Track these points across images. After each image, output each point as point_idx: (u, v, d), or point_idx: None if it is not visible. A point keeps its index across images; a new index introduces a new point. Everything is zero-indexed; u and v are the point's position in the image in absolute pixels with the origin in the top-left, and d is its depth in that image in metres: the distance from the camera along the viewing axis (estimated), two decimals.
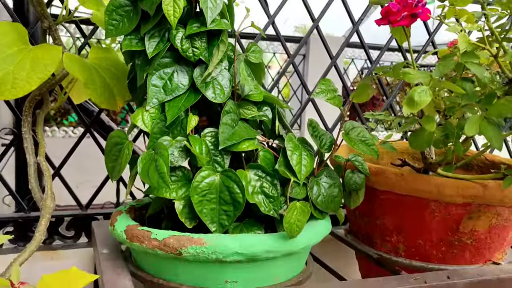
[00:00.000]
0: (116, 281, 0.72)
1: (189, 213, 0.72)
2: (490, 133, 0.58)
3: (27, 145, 0.92)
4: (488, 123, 0.59)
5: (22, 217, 1.02)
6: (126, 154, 0.74)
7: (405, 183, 0.83)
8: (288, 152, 0.75)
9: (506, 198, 0.79)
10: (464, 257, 0.86)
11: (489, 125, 0.59)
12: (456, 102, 0.62)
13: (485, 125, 0.59)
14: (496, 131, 0.58)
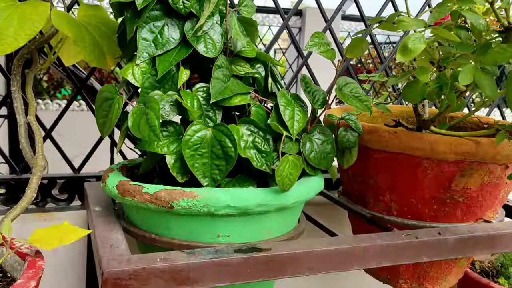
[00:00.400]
0: (108, 235, 0.72)
1: (181, 167, 0.72)
2: (484, 81, 0.58)
3: (17, 105, 0.90)
4: (482, 72, 0.59)
5: (14, 179, 1.02)
6: (117, 109, 0.73)
7: (399, 141, 0.82)
8: (281, 107, 0.75)
9: (499, 155, 0.79)
10: (455, 215, 0.86)
11: (483, 74, 0.58)
12: (451, 52, 0.61)
13: (479, 74, 0.58)
14: (490, 80, 0.58)
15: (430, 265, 0.93)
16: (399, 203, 0.88)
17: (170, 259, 0.65)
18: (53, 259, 1.01)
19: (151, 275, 0.62)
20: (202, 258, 0.65)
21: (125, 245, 0.69)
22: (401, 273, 0.95)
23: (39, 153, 0.85)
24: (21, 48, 0.83)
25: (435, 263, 0.92)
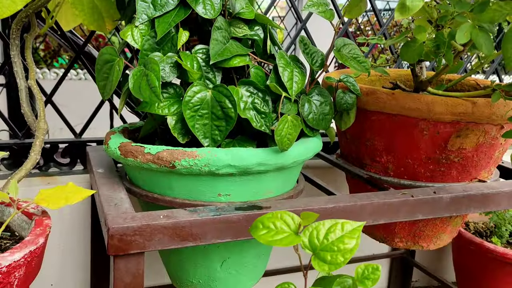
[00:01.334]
0: (112, 195, 0.74)
1: (182, 128, 0.73)
2: (481, 39, 0.58)
3: (17, 69, 0.91)
4: (479, 30, 0.59)
5: (17, 144, 1.03)
6: (117, 71, 0.73)
7: (396, 102, 0.83)
8: (280, 68, 0.75)
9: (494, 115, 0.80)
10: (451, 175, 0.88)
11: (480, 32, 0.59)
12: (449, 11, 0.62)
13: (476, 32, 0.59)
14: (487, 37, 0.58)
15: (425, 224, 0.95)
16: (396, 163, 0.90)
17: (173, 216, 0.67)
18: (59, 221, 1.03)
19: (155, 231, 0.65)
20: (203, 215, 0.67)
21: (129, 204, 0.71)
22: (397, 232, 0.98)
23: (41, 117, 0.86)
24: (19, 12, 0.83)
25: (430, 222, 0.95)
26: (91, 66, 1.18)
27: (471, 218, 1.36)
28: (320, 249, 0.41)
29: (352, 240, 0.41)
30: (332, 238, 0.41)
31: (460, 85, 1.08)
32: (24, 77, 0.91)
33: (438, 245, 1.00)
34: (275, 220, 0.43)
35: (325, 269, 0.40)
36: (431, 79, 0.81)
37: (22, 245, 0.63)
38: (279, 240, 0.41)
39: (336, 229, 0.42)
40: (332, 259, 0.40)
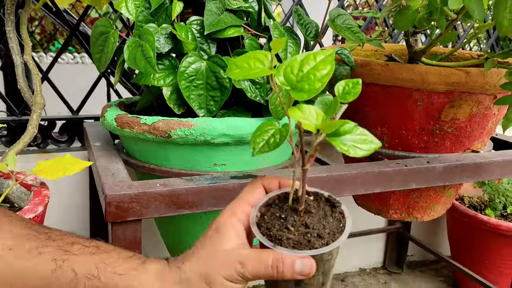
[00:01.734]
0: (109, 165, 0.75)
1: (177, 99, 0.74)
2: (473, 5, 0.59)
3: (13, 45, 0.91)
4: None
5: (14, 120, 1.04)
6: (112, 43, 0.74)
7: (390, 73, 0.84)
8: (274, 39, 0.76)
9: (487, 85, 0.81)
10: (444, 146, 0.89)
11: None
12: None
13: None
14: (479, 3, 0.59)
15: (419, 195, 0.97)
16: (390, 135, 0.91)
17: (170, 184, 0.68)
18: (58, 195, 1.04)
19: (152, 199, 0.66)
20: (199, 184, 0.68)
21: (125, 174, 0.72)
22: (391, 203, 0.99)
23: (37, 91, 0.87)
24: None
25: (424, 193, 0.96)
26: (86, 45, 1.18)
27: (466, 192, 1.37)
28: (297, 82, 0.40)
29: (326, 66, 0.40)
30: (307, 69, 0.40)
31: (455, 57, 1.08)
32: (19, 53, 0.91)
33: (432, 216, 1.01)
34: (249, 60, 0.42)
35: (304, 97, 0.40)
36: (425, 49, 0.81)
37: (21, 213, 0.65)
38: (252, 74, 0.41)
39: (309, 61, 0.41)
40: (310, 86, 0.40)
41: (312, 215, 0.45)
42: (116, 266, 0.44)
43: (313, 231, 0.44)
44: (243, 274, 0.43)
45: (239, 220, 0.46)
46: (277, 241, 0.44)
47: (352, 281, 1.43)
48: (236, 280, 0.44)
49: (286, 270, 0.42)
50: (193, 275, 0.44)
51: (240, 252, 0.44)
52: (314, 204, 0.47)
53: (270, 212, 0.46)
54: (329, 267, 0.46)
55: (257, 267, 0.43)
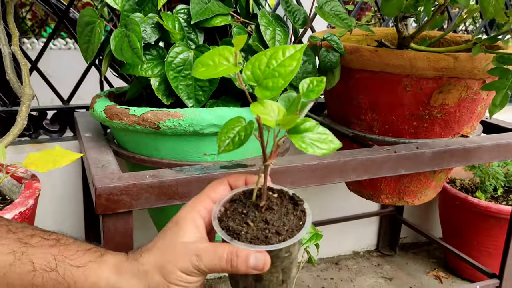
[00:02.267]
0: (99, 157, 0.75)
1: (166, 89, 0.74)
2: None
3: (0, 35, 0.90)
4: None
5: (4, 111, 1.03)
6: (98, 33, 0.73)
7: (379, 59, 0.84)
8: (262, 27, 0.75)
9: (476, 69, 0.81)
10: (434, 131, 0.90)
11: None
12: None
13: None
14: None
15: (410, 180, 0.97)
16: (381, 121, 0.91)
17: (159, 175, 0.68)
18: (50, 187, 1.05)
19: (142, 191, 0.66)
20: (189, 174, 0.69)
21: (116, 165, 0.72)
22: (383, 189, 1.00)
23: (26, 82, 0.86)
24: None
25: (414, 178, 0.97)
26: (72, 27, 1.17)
27: (457, 175, 1.39)
28: (263, 78, 0.40)
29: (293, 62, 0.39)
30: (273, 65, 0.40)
31: (446, 41, 1.08)
32: (7, 43, 0.91)
33: (422, 200, 1.02)
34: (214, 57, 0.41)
35: (267, 96, 0.40)
36: (414, 34, 0.81)
37: (12, 207, 0.65)
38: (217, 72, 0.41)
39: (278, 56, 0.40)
40: (273, 84, 0.39)
41: (274, 212, 0.46)
42: (74, 259, 0.45)
43: (272, 228, 0.44)
44: (198, 267, 0.44)
45: (199, 215, 0.47)
46: (235, 236, 0.44)
47: (346, 264, 1.45)
48: (191, 272, 0.44)
49: (240, 264, 0.43)
50: (150, 267, 0.45)
51: (197, 246, 0.45)
52: (277, 201, 0.47)
53: (233, 207, 0.47)
54: (289, 264, 0.46)
55: (213, 260, 0.44)
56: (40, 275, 0.43)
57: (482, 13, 0.56)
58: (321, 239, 0.91)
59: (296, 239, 0.44)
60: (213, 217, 0.46)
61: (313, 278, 1.37)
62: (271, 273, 0.45)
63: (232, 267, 0.43)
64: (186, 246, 0.45)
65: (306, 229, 0.45)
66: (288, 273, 0.47)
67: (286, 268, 0.46)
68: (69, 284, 0.44)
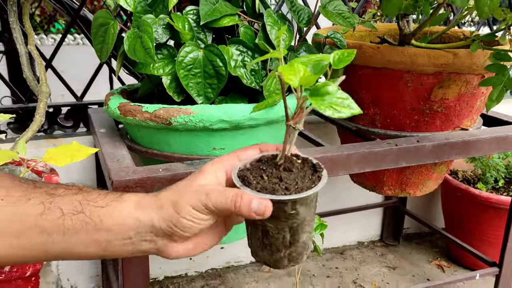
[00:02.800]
0: (114, 152, 0.79)
1: (177, 87, 0.78)
2: None
3: (16, 35, 0.94)
4: None
5: (21, 108, 1.08)
6: (112, 34, 0.77)
7: (381, 56, 0.87)
8: (268, 27, 0.79)
9: (475, 65, 0.84)
10: (435, 125, 0.93)
11: None
12: None
13: None
14: None
15: (411, 172, 1.01)
16: (383, 115, 0.94)
17: (171, 169, 0.72)
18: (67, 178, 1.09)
19: (155, 183, 0.70)
20: (199, 168, 0.72)
21: (130, 159, 0.76)
22: (385, 180, 1.04)
23: (42, 80, 0.91)
24: None
25: (416, 170, 1.00)
26: (87, 29, 1.21)
27: (460, 167, 1.41)
28: None
29: None
30: None
31: (448, 37, 1.10)
32: (23, 43, 0.95)
33: (424, 192, 1.06)
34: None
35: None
36: (415, 31, 0.84)
37: None
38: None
39: None
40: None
41: (291, 173, 0.48)
42: (97, 201, 0.49)
43: (283, 184, 0.47)
44: (206, 205, 0.47)
45: (223, 168, 0.51)
46: (246, 184, 0.47)
47: (351, 254, 1.49)
48: (200, 209, 0.48)
49: (243, 205, 0.46)
50: (165, 202, 0.49)
51: (210, 187, 0.49)
52: (298, 165, 0.50)
53: (257, 165, 0.50)
54: (296, 226, 0.48)
55: (219, 199, 0.47)
56: (69, 218, 0.48)
57: (478, 13, 0.59)
58: (326, 229, 0.95)
59: (300, 196, 0.45)
60: (234, 167, 0.49)
61: (318, 268, 1.41)
62: (277, 230, 0.47)
63: (235, 207, 0.46)
64: (200, 187, 0.49)
65: (313, 190, 0.46)
66: (296, 237, 0.48)
67: (293, 230, 0.47)
68: (95, 223, 0.48)
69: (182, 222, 0.48)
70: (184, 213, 0.48)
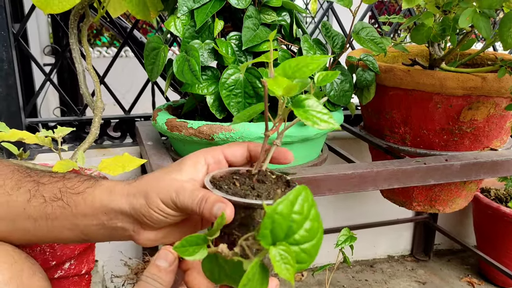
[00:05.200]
0: (161, 163, 0.87)
1: (219, 106, 0.85)
2: (480, 24, 0.66)
3: (75, 55, 1.04)
4: (480, 15, 0.66)
5: (76, 120, 1.18)
6: (163, 57, 0.85)
7: (411, 79, 0.91)
8: (304, 51, 0.85)
9: (503, 89, 0.87)
10: (464, 144, 0.96)
11: (480, 17, 0.66)
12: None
13: (477, 17, 0.66)
14: (486, 21, 0.66)
15: (441, 189, 1.04)
16: (413, 134, 0.98)
17: None
18: None
19: None
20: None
21: None
22: (415, 197, 1.07)
23: (97, 97, 1.00)
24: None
25: (445, 187, 1.04)
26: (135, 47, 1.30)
27: (493, 185, 1.42)
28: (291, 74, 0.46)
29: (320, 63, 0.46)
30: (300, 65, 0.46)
31: (480, 58, 1.13)
32: (81, 62, 1.05)
33: (453, 209, 1.08)
34: None
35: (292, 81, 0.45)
36: (444, 56, 0.88)
37: None
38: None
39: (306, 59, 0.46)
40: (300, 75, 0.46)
41: (264, 184, 0.48)
42: (75, 188, 0.53)
43: (255, 192, 0.47)
44: (175, 203, 0.48)
45: (204, 161, 0.51)
46: (217, 187, 0.47)
47: (381, 267, 1.51)
48: (169, 205, 0.48)
49: (205, 208, 0.45)
50: (138, 191, 0.50)
51: (182, 184, 0.49)
52: (272, 180, 0.50)
53: (231, 176, 0.50)
54: None
55: (187, 199, 0.47)
56: (50, 205, 0.53)
57: (502, 44, 0.63)
58: (355, 241, 0.99)
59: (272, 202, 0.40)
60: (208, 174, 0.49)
61: (348, 279, 1.44)
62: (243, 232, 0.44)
63: (199, 210, 0.46)
64: (173, 181, 0.49)
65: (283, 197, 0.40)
66: None
67: None
68: (71, 208, 0.52)
69: (150, 213, 0.49)
70: (153, 205, 0.49)
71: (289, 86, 0.44)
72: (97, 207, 0.52)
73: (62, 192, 0.53)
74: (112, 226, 0.52)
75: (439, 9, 0.73)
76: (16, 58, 1.11)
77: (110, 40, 3.38)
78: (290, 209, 0.38)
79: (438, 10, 0.73)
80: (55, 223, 0.53)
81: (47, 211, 0.53)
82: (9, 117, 1.10)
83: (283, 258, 0.38)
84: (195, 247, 0.43)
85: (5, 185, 0.55)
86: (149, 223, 0.50)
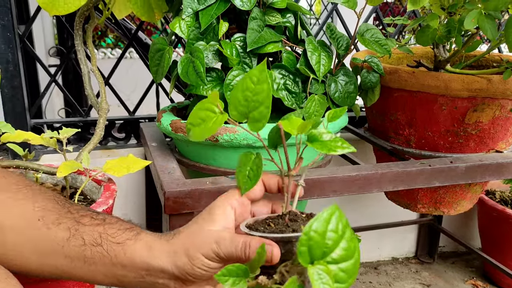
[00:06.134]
0: (165, 164, 0.87)
1: (223, 107, 0.85)
2: (486, 25, 0.65)
3: (81, 57, 1.04)
4: (485, 17, 0.66)
5: (81, 121, 1.18)
6: (168, 58, 0.85)
7: (416, 80, 0.91)
8: (308, 53, 0.85)
9: (509, 91, 0.87)
10: (469, 146, 0.96)
11: (486, 18, 0.66)
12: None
13: (482, 18, 0.66)
14: (491, 23, 0.65)
15: (445, 191, 1.04)
16: (417, 136, 0.98)
17: (217, 182, 0.79)
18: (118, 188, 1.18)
19: (202, 195, 0.77)
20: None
21: (180, 172, 0.84)
22: (419, 199, 1.07)
23: (102, 98, 1.00)
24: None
25: (450, 189, 1.03)
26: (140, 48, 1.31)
27: (498, 187, 1.42)
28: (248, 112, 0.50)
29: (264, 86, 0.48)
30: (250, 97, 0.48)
31: (486, 60, 1.13)
32: (86, 63, 1.05)
33: (458, 211, 1.08)
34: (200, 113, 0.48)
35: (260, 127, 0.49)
36: (449, 58, 0.88)
37: (97, 205, 0.78)
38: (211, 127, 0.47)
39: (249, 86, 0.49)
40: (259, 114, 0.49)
41: (296, 222, 0.50)
42: (116, 236, 0.53)
43: (290, 228, 0.48)
44: (218, 254, 0.49)
45: (231, 206, 0.53)
46: (254, 229, 0.49)
47: (385, 269, 1.51)
48: (212, 258, 0.49)
49: (251, 253, 0.47)
50: (178, 248, 0.51)
51: (220, 234, 0.50)
52: (304, 218, 0.52)
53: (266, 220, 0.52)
54: None
55: (229, 248, 0.48)
56: (89, 248, 0.52)
57: (507, 46, 0.63)
58: (360, 243, 0.99)
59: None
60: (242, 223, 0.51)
61: None
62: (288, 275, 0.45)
63: (245, 255, 0.47)
64: (210, 234, 0.50)
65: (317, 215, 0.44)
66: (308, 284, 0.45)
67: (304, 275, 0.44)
68: (111, 257, 0.52)
69: (194, 270, 0.50)
70: (196, 262, 0.49)
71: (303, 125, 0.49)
72: (137, 262, 0.52)
73: (103, 239, 0.53)
74: (152, 281, 0.53)
75: (444, 11, 0.73)
76: (22, 60, 1.12)
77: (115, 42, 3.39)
78: (325, 227, 0.38)
79: (443, 11, 0.73)
80: (92, 267, 0.53)
81: (86, 254, 0.53)
82: (14, 118, 1.11)
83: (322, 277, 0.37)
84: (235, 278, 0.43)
85: (45, 218, 0.54)
86: (192, 279, 0.51)
